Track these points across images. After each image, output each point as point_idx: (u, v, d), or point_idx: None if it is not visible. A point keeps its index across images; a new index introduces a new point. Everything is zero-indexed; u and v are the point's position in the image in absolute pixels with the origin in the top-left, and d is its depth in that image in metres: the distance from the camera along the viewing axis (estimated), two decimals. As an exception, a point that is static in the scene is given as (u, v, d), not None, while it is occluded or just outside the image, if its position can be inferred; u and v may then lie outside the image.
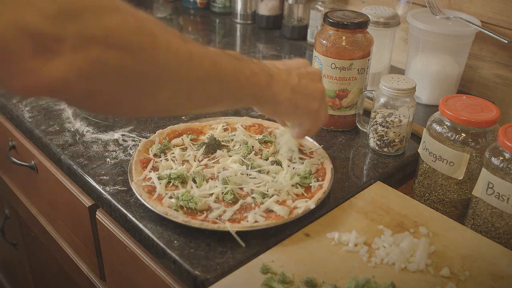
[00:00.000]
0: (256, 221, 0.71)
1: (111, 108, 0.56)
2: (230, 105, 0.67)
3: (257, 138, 0.89)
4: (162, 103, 0.56)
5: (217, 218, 0.72)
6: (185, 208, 0.73)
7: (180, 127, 0.92)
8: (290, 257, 0.69)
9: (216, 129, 0.92)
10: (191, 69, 0.55)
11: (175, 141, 0.89)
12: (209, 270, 0.66)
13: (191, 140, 0.89)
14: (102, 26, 0.46)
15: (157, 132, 0.90)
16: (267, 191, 0.77)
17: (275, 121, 0.89)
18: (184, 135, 0.90)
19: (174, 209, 0.73)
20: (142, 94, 0.52)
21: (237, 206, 0.74)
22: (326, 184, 0.79)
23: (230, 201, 0.75)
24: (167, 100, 0.56)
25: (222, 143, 0.88)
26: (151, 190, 0.77)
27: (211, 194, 0.76)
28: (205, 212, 0.73)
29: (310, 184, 0.80)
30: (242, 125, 0.93)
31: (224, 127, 0.93)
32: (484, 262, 0.70)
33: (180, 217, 0.71)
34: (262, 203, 0.75)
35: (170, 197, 0.75)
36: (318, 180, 0.81)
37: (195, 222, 0.70)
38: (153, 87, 0.52)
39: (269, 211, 0.74)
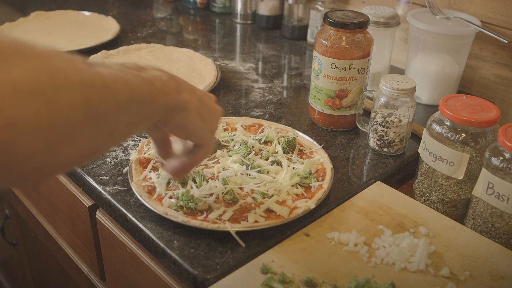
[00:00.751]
0: (256, 221, 0.71)
1: (30, 177, 0.45)
2: (145, 125, 0.58)
3: (256, 138, 0.89)
4: (84, 147, 0.46)
5: (217, 218, 0.72)
6: (185, 208, 0.73)
7: None
8: (290, 257, 0.69)
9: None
10: (109, 98, 0.47)
11: (175, 141, 0.89)
12: (209, 270, 0.66)
13: (191, 140, 0.89)
14: (8, 80, 0.37)
15: None
16: (267, 191, 0.77)
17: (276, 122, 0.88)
18: None
19: (174, 209, 0.73)
20: (63, 145, 0.43)
21: (237, 206, 0.74)
22: (326, 184, 0.79)
23: (230, 201, 0.75)
24: (89, 143, 0.47)
25: (222, 143, 0.88)
26: (151, 190, 0.77)
27: (211, 194, 0.76)
28: (205, 212, 0.73)
29: (310, 184, 0.80)
30: (242, 125, 0.93)
31: (224, 127, 0.93)
32: (484, 262, 0.70)
33: (180, 217, 0.71)
34: (262, 203, 0.75)
35: (170, 197, 0.75)
36: (318, 180, 0.81)
37: (195, 222, 0.70)
38: (74, 132, 0.44)
39: (269, 211, 0.74)
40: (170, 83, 0.58)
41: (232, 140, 0.89)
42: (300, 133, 0.93)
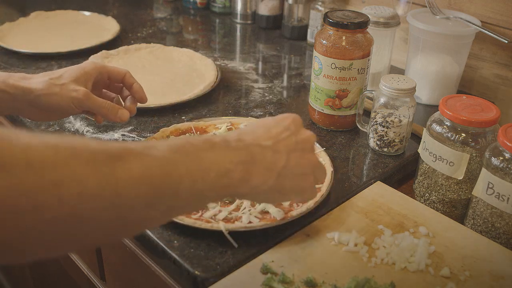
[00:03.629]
0: (249, 222, 0.71)
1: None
2: (189, 211, 0.57)
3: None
4: (90, 244, 0.49)
5: (211, 218, 0.72)
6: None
7: (184, 125, 0.92)
8: (290, 257, 0.69)
9: (220, 128, 0.92)
10: (119, 209, 0.43)
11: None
12: (209, 270, 0.66)
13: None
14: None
15: (161, 130, 0.90)
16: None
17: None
18: (187, 134, 0.90)
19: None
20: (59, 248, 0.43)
21: (233, 206, 0.74)
22: (324, 187, 0.78)
23: (226, 201, 0.75)
24: (98, 241, 0.48)
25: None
26: (151, 190, 0.77)
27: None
28: (200, 211, 0.73)
29: (310, 185, 0.79)
30: (246, 126, 0.93)
31: (228, 127, 0.93)
32: (484, 262, 0.70)
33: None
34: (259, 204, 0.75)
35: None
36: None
37: (189, 221, 0.70)
38: (70, 243, 0.43)
39: (264, 212, 0.74)
40: (234, 173, 0.52)
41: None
42: (300, 133, 0.92)
